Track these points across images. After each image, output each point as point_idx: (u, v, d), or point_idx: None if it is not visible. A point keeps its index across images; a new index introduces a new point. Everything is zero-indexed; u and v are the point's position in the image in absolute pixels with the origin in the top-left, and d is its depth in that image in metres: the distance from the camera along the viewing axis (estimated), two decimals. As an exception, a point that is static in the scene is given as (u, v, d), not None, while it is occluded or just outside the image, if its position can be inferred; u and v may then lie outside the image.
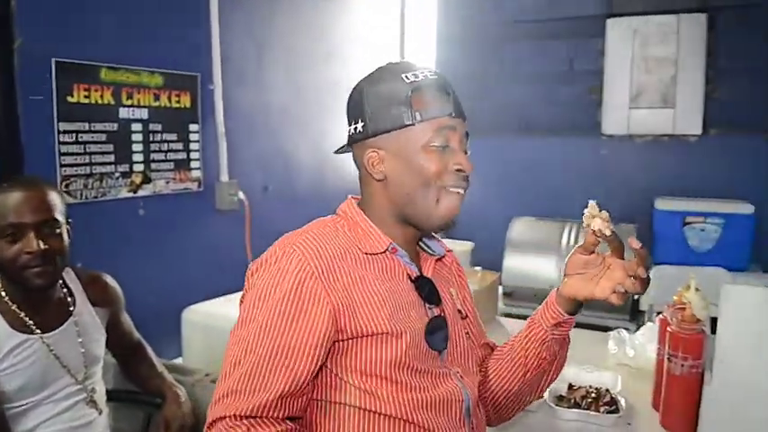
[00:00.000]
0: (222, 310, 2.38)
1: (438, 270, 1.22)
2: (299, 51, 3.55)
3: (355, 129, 1.11)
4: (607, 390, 1.71)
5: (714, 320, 1.91)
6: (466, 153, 1.11)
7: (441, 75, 1.12)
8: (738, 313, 1.46)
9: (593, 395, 1.67)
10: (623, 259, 1.10)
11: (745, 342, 1.46)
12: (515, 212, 4.09)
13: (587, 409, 1.63)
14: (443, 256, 1.24)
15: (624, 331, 2.17)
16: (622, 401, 1.65)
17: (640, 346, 2.04)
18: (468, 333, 1.23)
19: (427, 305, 1.13)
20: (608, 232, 1.07)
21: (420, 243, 1.21)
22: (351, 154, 1.18)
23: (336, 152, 1.24)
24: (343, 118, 1.16)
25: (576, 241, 3.73)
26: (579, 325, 3.62)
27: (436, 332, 1.11)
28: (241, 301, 1.08)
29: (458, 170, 1.09)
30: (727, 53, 4.05)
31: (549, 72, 4.48)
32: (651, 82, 4.17)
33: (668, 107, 4.14)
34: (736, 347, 1.47)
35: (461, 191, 1.11)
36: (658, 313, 2.24)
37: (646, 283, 1.07)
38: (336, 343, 1.03)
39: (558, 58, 4.41)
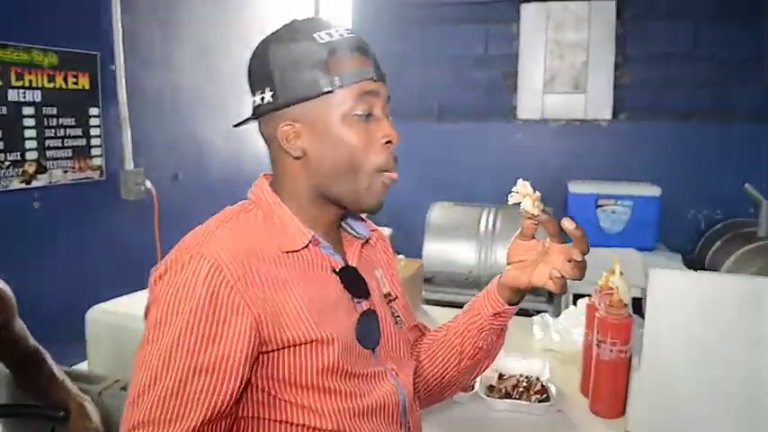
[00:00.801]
0: (131, 308, 2.20)
1: (364, 254, 1.12)
2: (212, 32, 3.37)
3: (262, 98, 0.96)
4: (537, 378, 1.69)
5: (635, 301, 1.96)
6: (388, 117, 1.00)
7: (356, 34, 0.99)
8: (666, 297, 1.47)
9: (524, 384, 1.66)
10: (562, 242, 1.01)
11: (672, 325, 1.48)
12: (432, 197, 4.07)
13: (519, 399, 1.61)
14: (369, 239, 1.14)
15: (548, 315, 2.18)
16: (552, 389, 1.64)
17: (565, 330, 2.05)
18: (397, 317, 1.14)
19: (355, 300, 1.03)
20: (537, 212, 0.97)
21: (342, 224, 1.10)
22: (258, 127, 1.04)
23: (237, 125, 1.09)
24: None
25: (494, 225, 3.77)
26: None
27: (367, 329, 1.02)
28: (145, 314, 0.93)
29: (386, 142, 0.98)
30: (634, 40, 4.18)
31: (465, 56, 4.47)
32: (564, 67, 4.25)
33: (580, 92, 4.24)
34: (664, 331, 1.48)
35: (392, 177, 1.00)
36: (576, 296, 2.28)
37: (583, 267, 0.98)
38: (261, 355, 0.91)
39: (474, 42, 4.41)
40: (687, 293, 1.46)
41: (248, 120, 1.03)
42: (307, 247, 0.98)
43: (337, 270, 1.01)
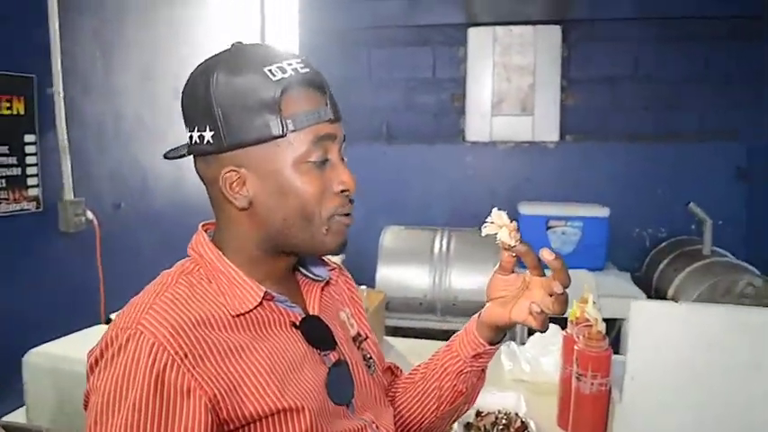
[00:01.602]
0: (74, 350, 2.04)
1: (325, 297, 1.02)
2: (153, 56, 3.23)
3: (201, 137, 0.85)
4: (516, 414, 1.64)
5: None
6: (343, 160, 0.91)
7: (311, 65, 0.88)
8: (647, 330, 1.45)
9: (503, 421, 1.60)
10: (542, 275, 0.94)
11: (654, 358, 1.46)
12: (384, 221, 4.02)
13: (500, 438, 1.56)
14: (329, 280, 1.04)
15: (514, 344, 2.15)
16: (532, 425, 1.59)
17: (534, 360, 2.01)
18: (370, 359, 1.05)
19: (321, 353, 0.93)
20: (513, 243, 0.91)
21: (299, 268, 1.00)
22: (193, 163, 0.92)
23: (168, 157, 0.95)
24: None
25: (447, 248, 3.74)
26: (448, 334, 3.66)
27: (339, 383, 0.93)
28: (84, 404, 0.83)
29: (343, 190, 0.89)
30: (578, 64, 4.27)
31: (413, 78, 4.48)
32: (511, 90, 4.30)
33: (527, 115, 4.29)
34: (646, 364, 1.46)
35: (349, 220, 0.92)
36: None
37: (564, 300, 0.91)
38: None
39: (422, 65, 4.42)
40: (669, 326, 1.45)
41: (181, 152, 0.92)
42: (260, 304, 0.88)
43: (297, 324, 0.92)
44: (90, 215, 2.69)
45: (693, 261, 3.41)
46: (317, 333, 0.93)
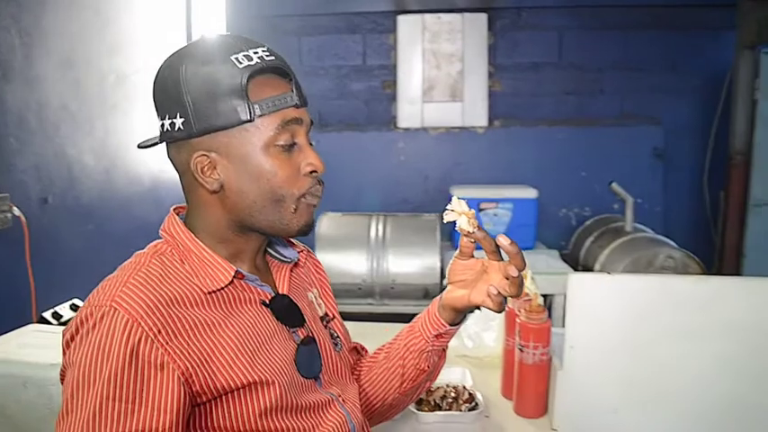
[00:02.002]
0: (5, 351, 1.97)
1: (294, 278, 1.07)
2: (78, 43, 3.11)
3: (172, 124, 0.89)
4: (464, 387, 1.71)
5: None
6: (311, 144, 0.96)
7: (276, 54, 0.92)
8: (584, 301, 1.53)
9: (452, 394, 1.67)
10: (500, 260, 1.00)
11: (591, 327, 1.55)
12: (319, 209, 4.02)
13: (449, 410, 1.62)
14: (297, 261, 1.09)
15: (456, 322, 2.22)
16: (479, 396, 1.66)
17: (476, 335, 2.09)
18: (336, 338, 1.11)
19: (290, 329, 0.98)
20: (471, 229, 0.96)
21: (268, 249, 1.05)
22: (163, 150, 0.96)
23: (141, 146, 0.99)
24: (131, 114, 0.93)
25: (383, 234, 3.79)
26: (393, 316, 3.68)
27: (307, 359, 0.97)
28: (61, 379, 0.85)
29: (311, 171, 0.93)
30: (504, 51, 4.40)
31: (344, 66, 4.49)
32: (441, 77, 4.37)
33: (457, 101, 4.38)
34: (584, 332, 1.55)
35: (316, 201, 0.97)
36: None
37: (520, 283, 0.97)
38: (195, 408, 0.84)
39: (352, 53, 4.44)
40: (604, 296, 1.54)
41: (153, 141, 0.96)
42: (231, 283, 0.92)
43: (267, 302, 0.96)
44: (16, 211, 2.58)
45: (617, 237, 3.60)
46: (285, 311, 0.97)
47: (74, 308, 2.41)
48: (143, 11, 3.71)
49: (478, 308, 1.05)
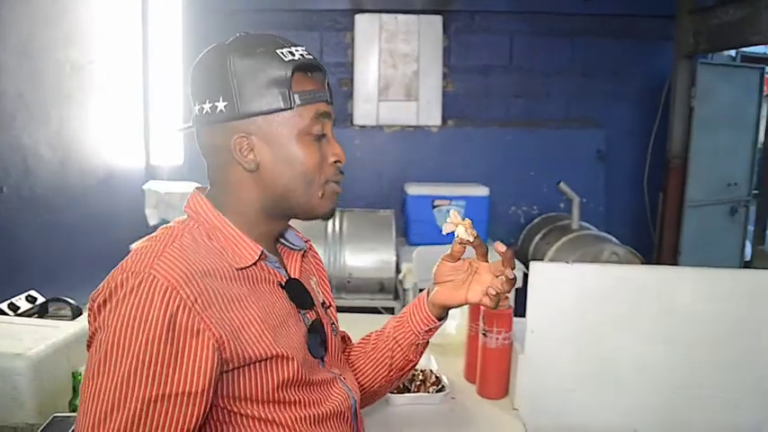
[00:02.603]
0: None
1: (303, 266, 1.14)
2: (35, 31, 3.05)
3: (213, 107, 0.94)
4: (431, 370, 1.80)
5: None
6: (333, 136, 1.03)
7: (314, 55, 1.01)
8: (544, 288, 1.65)
9: (420, 378, 1.75)
10: (487, 261, 1.11)
11: (551, 313, 1.66)
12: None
13: (418, 392, 1.71)
14: (306, 250, 1.16)
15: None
16: (445, 379, 1.76)
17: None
18: (333, 324, 1.17)
19: (301, 311, 1.04)
20: (471, 238, 1.06)
21: (280, 239, 1.11)
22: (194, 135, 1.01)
23: (181, 130, 1.07)
24: (86, 105, 0.98)
25: (341, 229, 3.86)
26: (350, 309, 3.75)
27: (316, 340, 1.04)
28: (89, 344, 0.88)
29: (336, 161, 1.01)
30: (458, 52, 4.52)
31: (301, 63, 4.51)
32: (397, 76, 4.46)
33: (412, 100, 4.48)
34: (544, 317, 1.67)
35: (339, 188, 1.04)
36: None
37: (513, 281, 1.08)
38: (223, 374, 0.90)
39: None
40: (562, 282, 1.66)
41: (189, 128, 1.01)
42: (256, 263, 0.98)
43: (283, 284, 1.02)
44: (-28, 199, 2.54)
45: (564, 234, 3.77)
46: (298, 294, 1.04)
47: (30, 299, 2.38)
48: (100, 2, 3.67)
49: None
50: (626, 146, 4.66)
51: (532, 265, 1.64)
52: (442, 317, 1.19)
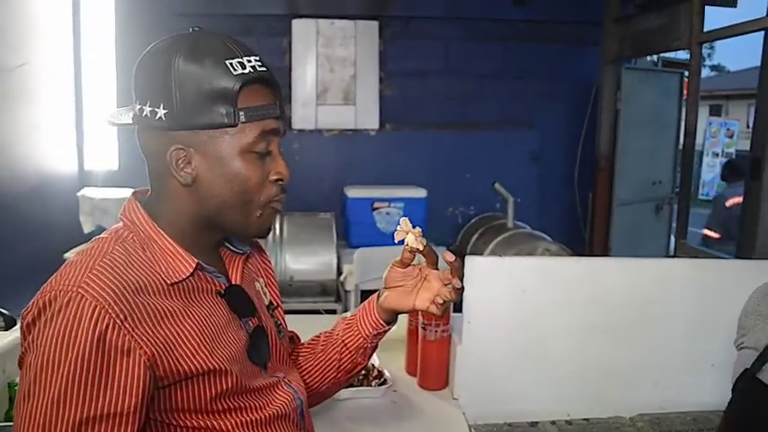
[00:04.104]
0: None
1: (245, 269, 1.11)
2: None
3: (152, 112, 0.89)
4: (373, 365, 1.84)
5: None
6: (280, 153, 0.98)
7: (266, 64, 0.95)
8: (479, 281, 1.72)
9: (362, 372, 1.79)
10: (437, 269, 1.12)
11: (485, 304, 1.74)
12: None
13: (360, 386, 1.75)
14: (250, 253, 1.12)
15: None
16: (387, 373, 1.80)
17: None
18: (280, 326, 1.16)
19: (243, 319, 1.01)
20: (421, 247, 1.07)
21: (223, 241, 1.08)
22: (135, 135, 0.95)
23: (112, 123, 0.97)
24: (14, 110, 0.94)
25: (281, 232, 3.87)
26: (292, 312, 3.77)
27: (258, 347, 1.02)
28: (20, 364, 0.86)
29: (277, 180, 0.97)
30: (394, 57, 4.61)
31: (238, 67, 4.50)
32: (335, 80, 4.51)
33: (350, 104, 4.54)
34: (479, 309, 1.74)
35: (280, 207, 1.00)
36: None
37: (460, 291, 1.09)
38: (157, 390, 0.88)
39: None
40: (496, 275, 1.74)
41: (127, 125, 0.96)
42: (192, 274, 0.95)
43: (222, 292, 0.99)
44: None
45: (499, 233, 3.89)
46: (239, 301, 1.01)
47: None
48: (29, 3, 3.57)
49: None
50: (558, 147, 4.84)
51: (468, 259, 1.70)
52: (392, 321, 1.18)
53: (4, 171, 3.20)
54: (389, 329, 1.20)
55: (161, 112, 0.89)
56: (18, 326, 2.26)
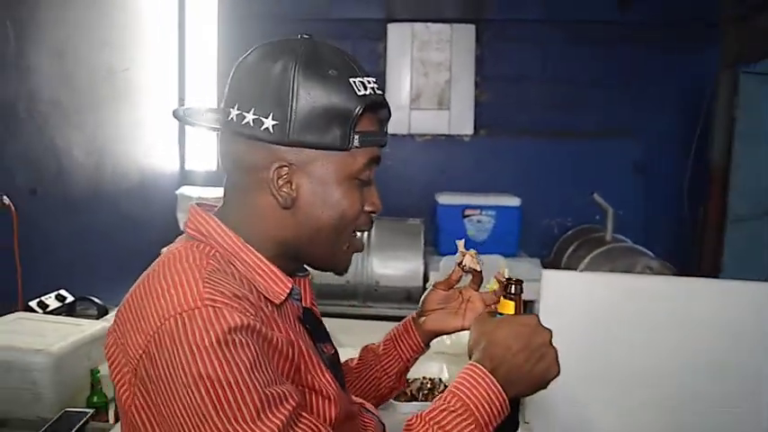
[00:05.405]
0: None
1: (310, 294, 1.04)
2: (70, 36, 3.15)
3: (258, 120, 0.81)
4: (440, 379, 1.76)
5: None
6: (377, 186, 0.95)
7: (381, 88, 0.90)
8: (556, 296, 1.60)
9: (428, 386, 1.72)
10: (479, 290, 1.13)
11: (562, 321, 1.60)
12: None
13: (425, 401, 1.67)
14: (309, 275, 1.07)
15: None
16: (454, 388, 1.71)
17: (455, 334, 2.14)
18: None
19: (318, 345, 0.95)
20: (478, 268, 1.08)
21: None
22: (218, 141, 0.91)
23: (189, 123, 0.91)
24: (119, 109, 0.89)
25: (369, 237, 3.83)
26: (376, 317, 3.72)
27: (339, 372, 0.98)
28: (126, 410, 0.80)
29: (371, 211, 0.93)
30: (491, 61, 4.48)
31: (334, 72, 4.53)
32: (429, 85, 4.45)
33: (444, 109, 4.46)
34: (555, 327, 1.61)
35: (362, 242, 0.97)
36: None
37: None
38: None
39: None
40: (573, 291, 1.61)
41: (214, 128, 0.89)
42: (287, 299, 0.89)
43: (301, 317, 0.94)
44: (6, 200, 2.61)
45: (596, 247, 3.67)
46: (314, 326, 0.97)
47: (60, 298, 2.44)
48: (135, 7, 3.76)
49: None
50: (665, 157, 4.52)
51: (544, 273, 1.59)
52: (428, 342, 1.17)
53: (109, 168, 3.39)
54: (425, 353, 1.19)
55: (269, 122, 0.82)
56: (110, 314, 2.36)
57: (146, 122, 3.80)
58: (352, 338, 1.42)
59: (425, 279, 3.63)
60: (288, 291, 0.88)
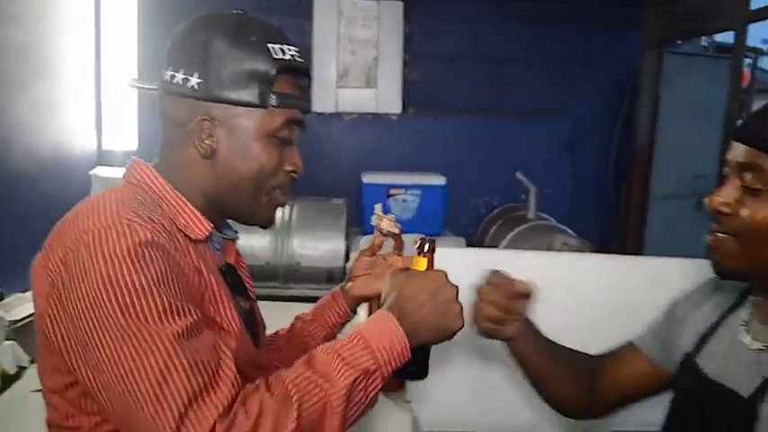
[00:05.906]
0: None
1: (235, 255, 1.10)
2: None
3: (185, 79, 0.92)
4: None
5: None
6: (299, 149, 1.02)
7: (304, 57, 0.98)
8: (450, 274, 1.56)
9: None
10: (401, 256, 1.19)
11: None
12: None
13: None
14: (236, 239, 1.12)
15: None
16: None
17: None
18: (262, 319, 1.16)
19: (237, 298, 1.00)
20: (396, 231, 1.16)
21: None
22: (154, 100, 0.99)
23: (134, 86, 1.06)
24: (31, 88, 0.91)
25: (290, 217, 3.76)
26: (297, 298, 3.65)
27: (252, 327, 1.03)
28: (64, 299, 0.81)
29: (291, 171, 0.99)
30: (420, 39, 4.43)
31: (259, 48, 4.43)
32: (356, 63, 4.38)
33: (371, 87, 4.40)
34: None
35: (284, 199, 1.02)
36: None
37: None
38: None
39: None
40: (468, 270, 1.57)
41: (153, 89, 0.98)
42: (206, 239, 0.96)
43: (223, 268, 0.99)
44: None
45: (518, 225, 3.68)
46: (235, 280, 1.02)
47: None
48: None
49: None
50: (592, 136, 4.58)
51: (439, 250, 1.55)
52: (354, 308, 1.23)
53: (20, 148, 3.21)
54: (351, 319, 1.24)
55: (194, 80, 0.91)
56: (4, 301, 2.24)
57: (61, 100, 3.63)
58: (272, 320, 1.37)
59: (347, 259, 3.58)
60: (207, 232, 0.95)
